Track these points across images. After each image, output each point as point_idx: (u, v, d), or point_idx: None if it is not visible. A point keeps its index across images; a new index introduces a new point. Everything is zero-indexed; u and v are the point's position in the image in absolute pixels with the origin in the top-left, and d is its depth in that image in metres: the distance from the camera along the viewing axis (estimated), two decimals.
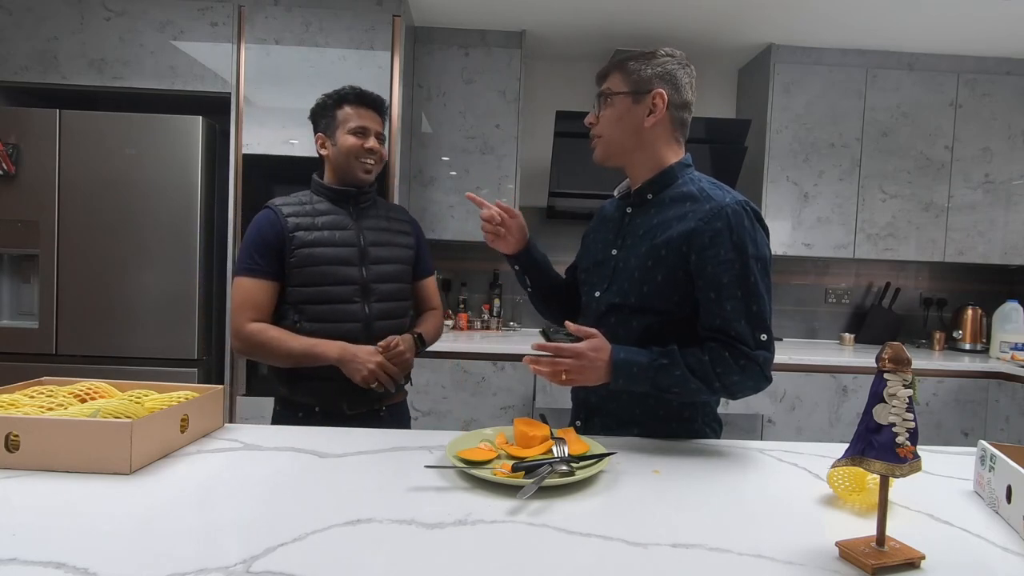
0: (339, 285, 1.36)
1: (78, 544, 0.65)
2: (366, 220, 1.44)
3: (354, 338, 1.33)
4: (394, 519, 0.74)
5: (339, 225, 1.40)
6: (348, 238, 1.39)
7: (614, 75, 1.14)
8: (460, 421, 2.55)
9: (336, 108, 1.40)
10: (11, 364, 2.27)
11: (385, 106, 1.46)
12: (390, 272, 1.43)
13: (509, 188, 2.83)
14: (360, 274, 1.38)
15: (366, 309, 1.38)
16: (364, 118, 1.40)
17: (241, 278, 1.35)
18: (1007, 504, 0.80)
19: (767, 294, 1.06)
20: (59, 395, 1.00)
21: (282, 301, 1.36)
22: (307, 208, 1.40)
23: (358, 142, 1.39)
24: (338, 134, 1.39)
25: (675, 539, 0.71)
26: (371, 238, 1.42)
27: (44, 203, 2.26)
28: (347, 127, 1.39)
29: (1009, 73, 2.88)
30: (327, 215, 1.40)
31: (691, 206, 1.09)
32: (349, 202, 1.43)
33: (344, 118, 1.39)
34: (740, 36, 2.81)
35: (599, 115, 1.16)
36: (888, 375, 0.66)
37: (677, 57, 1.14)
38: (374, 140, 1.41)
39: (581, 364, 1.02)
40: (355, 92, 1.42)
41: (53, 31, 2.37)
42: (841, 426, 2.62)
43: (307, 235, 1.35)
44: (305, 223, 1.37)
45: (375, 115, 1.43)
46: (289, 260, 1.34)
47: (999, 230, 2.92)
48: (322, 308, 1.35)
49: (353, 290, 1.37)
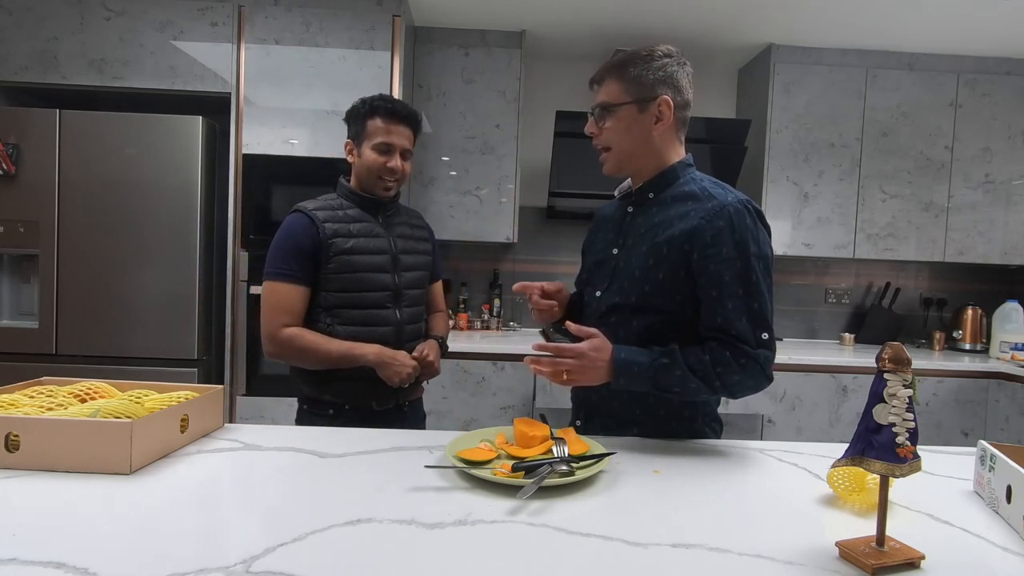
0: (374, 291, 1.38)
1: (78, 544, 0.65)
2: (394, 227, 1.46)
3: (386, 341, 1.37)
4: (394, 519, 0.74)
5: (372, 233, 1.41)
6: (381, 246, 1.41)
7: (612, 83, 1.11)
8: (460, 421, 2.55)
9: (367, 118, 1.38)
10: (11, 364, 2.27)
11: (418, 120, 1.44)
12: (416, 278, 1.47)
13: (509, 188, 2.83)
14: (393, 280, 1.41)
15: (397, 314, 1.41)
16: (392, 134, 1.38)
17: (274, 283, 1.34)
18: (1007, 504, 0.80)
19: (768, 293, 1.06)
20: (59, 395, 1.00)
21: (314, 305, 1.37)
22: (339, 214, 1.39)
23: (380, 159, 1.37)
24: (364, 146, 1.38)
25: (675, 539, 0.71)
26: (401, 246, 1.45)
27: (44, 203, 2.26)
28: (373, 141, 1.37)
29: (1009, 73, 2.88)
30: (360, 222, 1.40)
31: (693, 205, 1.09)
32: (379, 210, 1.44)
33: (372, 130, 1.37)
34: (740, 36, 2.81)
35: (601, 126, 1.13)
36: (888, 375, 0.66)
37: (675, 56, 1.12)
38: (398, 159, 1.39)
39: (582, 364, 1.02)
40: (387, 105, 1.38)
41: (53, 31, 2.37)
42: (841, 426, 2.62)
43: (344, 242, 1.36)
44: (342, 230, 1.37)
45: (406, 130, 1.40)
46: (327, 266, 1.34)
47: (999, 230, 2.92)
48: (357, 313, 1.37)
49: (386, 296, 1.40)
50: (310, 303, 1.36)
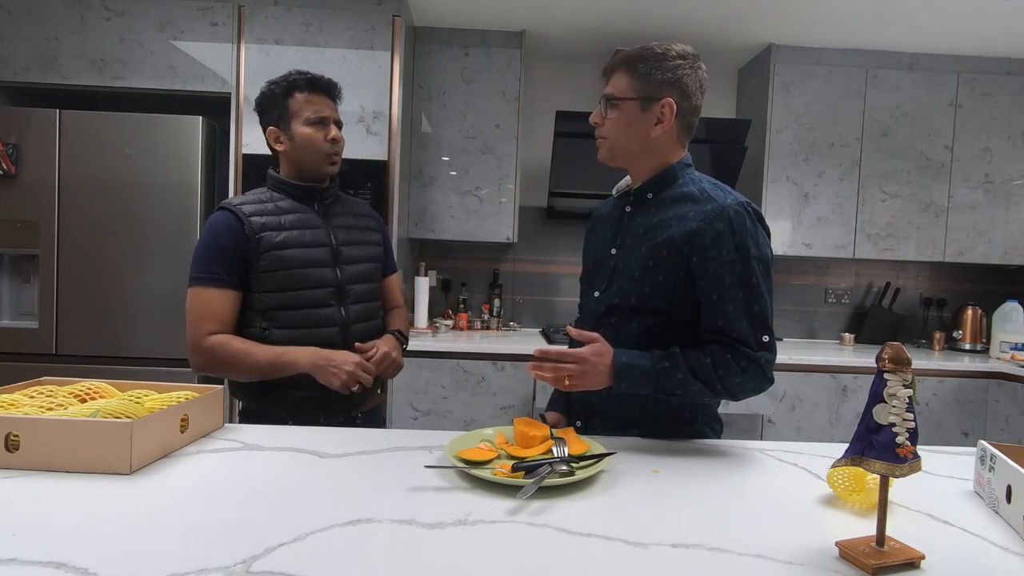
0: (313, 288, 1.27)
1: (78, 544, 0.65)
2: (334, 218, 1.35)
3: (332, 343, 1.26)
4: (394, 519, 0.74)
5: (308, 224, 1.30)
6: (319, 237, 1.30)
7: (621, 76, 1.11)
8: (460, 421, 2.55)
9: (287, 97, 1.29)
10: (11, 364, 2.27)
11: (338, 89, 1.36)
12: (363, 272, 1.36)
13: (509, 188, 2.83)
14: (334, 275, 1.30)
15: (342, 312, 1.30)
16: (320, 106, 1.29)
17: (197, 288, 1.23)
18: (1007, 504, 0.80)
19: (769, 295, 1.06)
20: (59, 395, 1.00)
21: (247, 309, 1.26)
22: (269, 207, 1.28)
23: (319, 133, 1.29)
24: (294, 125, 1.28)
25: (675, 539, 0.71)
26: (342, 237, 1.34)
27: (44, 203, 2.26)
28: (303, 117, 1.28)
29: (1009, 73, 2.88)
30: (293, 213, 1.29)
31: (692, 207, 1.09)
32: (314, 199, 1.33)
33: (298, 108, 1.28)
34: (740, 36, 2.81)
35: (605, 116, 1.13)
36: (888, 375, 0.66)
37: (689, 59, 1.10)
38: (335, 129, 1.31)
39: (584, 369, 1.02)
40: (305, 78, 1.30)
41: (53, 31, 2.37)
42: (841, 426, 2.62)
43: (275, 236, 1.25)
44: (271, 223, 1.26)
45: (329, 100, 1.33)
46: (257, 264, 1.23)
47: (999, 230, 2.92)
48: (295, 314, 1.26)
49: (328, 293, 1.29)
50: (242, 307, 1.26)
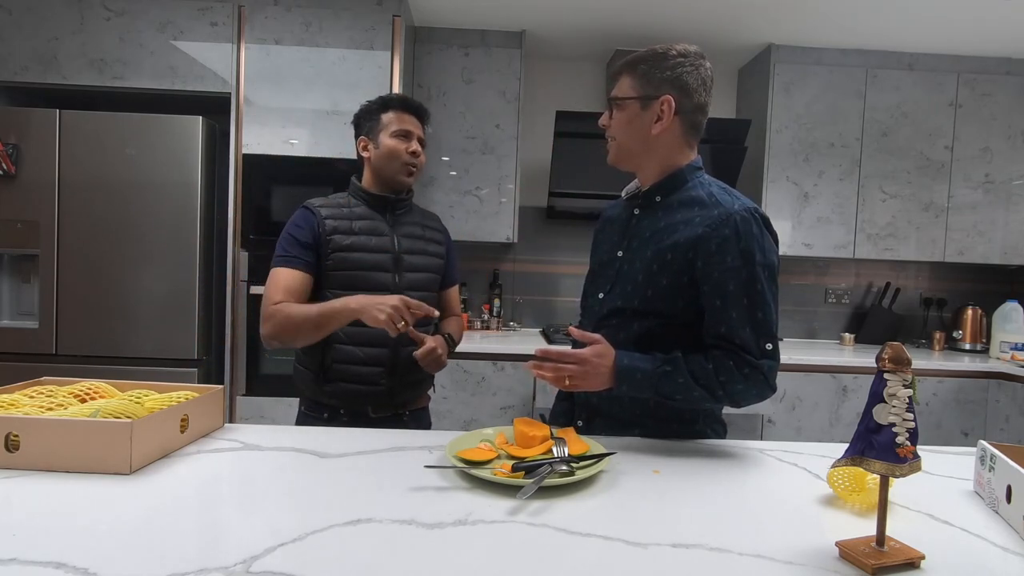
0: (371, 291, 1.34)
1: (78, 544, 0.65)
2: (402, 227, 1.45)
3: (385, 343, 1.35)
4: (394, 519, 0.74)
5: (375, 231, 1.40)
6: (383, 244, 1.40)
7: (624, 77, 1.13)
8: (460, 421, 2.55)
9: (380, 112, 1.42)
10: (11, 364, 2.27)
11: (428, 114, 1.49)
12: (421, 280, 1.45)
13: (509, 188, 2.83)
14: (393, 281, 1.39)
15: None
16: (407, 123, 1.42)
17: (275, 269, 1.34)
18: (1007, 504, 0.80)
19: (773, 302, 1.05)
20: (59, 395, 1.00)
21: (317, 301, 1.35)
22: (344, 211, 1.40)
23: (401, 145, 1.40)
24: (381, 137, 1.41)
25: (675, 539, 0.71)
26: (406, 245, 1.43)
27: (44, 203, 2.26)
28: (390, 130, 1.40)
29: (1009, 73, 2.88)
30: (364, 219, 1.41)
31: (699, 211, 1.08)
32: (387, 208, 1.44)
33: (388, 122, 1.41)
34: (740, 36, 2.81)
35: (611, 118, 1.15)
36: (888, 375, 0.66)
37: (690, 57, 1.10)
38: (417, 144, 1.43)
39: (584, 370, 1.02)
40: (399, 98, 1.46)
41: (53, 31, 2.37)
42: (841, 426, 2.62)
43: (344, 239, 1.36)
44: (343, 226, 1.37)
45: (417, 121, 1.45)
46: (325, 262, 1.35)
47: (999, 230, 2.92)
48: None
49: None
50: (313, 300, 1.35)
